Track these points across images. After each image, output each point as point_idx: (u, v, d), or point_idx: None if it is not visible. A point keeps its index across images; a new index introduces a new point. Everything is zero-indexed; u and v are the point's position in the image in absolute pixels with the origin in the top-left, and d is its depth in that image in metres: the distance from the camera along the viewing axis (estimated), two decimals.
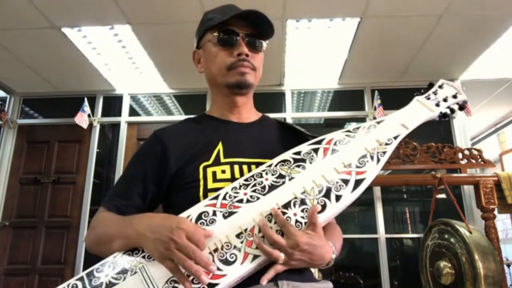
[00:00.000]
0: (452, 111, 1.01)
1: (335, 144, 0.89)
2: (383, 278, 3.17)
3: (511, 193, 2.17)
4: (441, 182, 2.16)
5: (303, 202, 0.78)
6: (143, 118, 3.80)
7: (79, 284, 0.71)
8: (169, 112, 3.88)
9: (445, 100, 0.99)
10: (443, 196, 3.21)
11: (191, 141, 0.92)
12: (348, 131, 0.93)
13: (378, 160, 0.86)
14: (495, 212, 2.21)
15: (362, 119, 3.68)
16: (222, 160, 0.88)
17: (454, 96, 1.00)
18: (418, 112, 0.97)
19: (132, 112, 3.77)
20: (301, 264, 0.75)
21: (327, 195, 0.79)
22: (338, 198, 0.79)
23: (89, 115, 3.49)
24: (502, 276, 1.92)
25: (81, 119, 3.34)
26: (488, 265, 1.85)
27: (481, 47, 3.04)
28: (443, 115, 1.00)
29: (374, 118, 3.41)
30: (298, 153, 0.88)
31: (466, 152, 2.26)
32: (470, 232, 1.93)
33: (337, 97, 3.76)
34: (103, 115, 3.74)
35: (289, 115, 3.65)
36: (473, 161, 2.28)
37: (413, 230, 3.44)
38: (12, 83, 3.66)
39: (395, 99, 3.60)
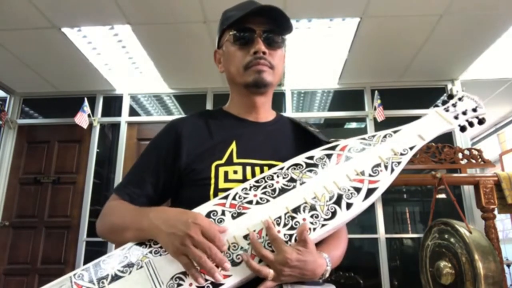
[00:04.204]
0: (471, 124, 0.99)
1: (349, 151, 0.88)
2: (383, 278, 3.17)
3: (511, 193, 2.16)
4: (441, 182, 2.15)
5: (313, 207, 0.77)
6: (143, 118, 3.80)
7: (85, 274, 0.73)
8: (169, 112, 3.88)
9: (464, 113, 0.98)
10: (443, 196, 3.21)
11: (205, 136, 0.91)
12: (363, 138, 0.91)
13: (392, 170, 0.84)
14: (495, 212, 2.20)
15: (362, 119, 3.68)
16: (235, 160, 0.86)
17: (474, 110, 0.98)
18: (436, 124, 0.96)
19: (132, 112, 3.77)
20: (291, 279, 0.73)
21: (338, 202, 0.78)
22: (348, 206, 0.78)
23: (89, 115, 3.49)
24: (502, 276, 1.91)
25: (81, 119, 3.34)
26: (488, 265, 1.85)
27: (481, 47, 3.04)
28: (461, 128, 0.98)
29: (374, 118, 3.41)
30: (311, 157, 0.86)
31: (466, 152, 2.25)
32: (470, 232, 1.93)
33: (337, 97, 3.76)
34: (103, 115, 3.74)
35: (289, 115, 3.64)
36: (473, 161, 2.27)
37: (413, 230, 3.44)
38: (12, 83, 3.66)
39: (395, 99, 3.60)
